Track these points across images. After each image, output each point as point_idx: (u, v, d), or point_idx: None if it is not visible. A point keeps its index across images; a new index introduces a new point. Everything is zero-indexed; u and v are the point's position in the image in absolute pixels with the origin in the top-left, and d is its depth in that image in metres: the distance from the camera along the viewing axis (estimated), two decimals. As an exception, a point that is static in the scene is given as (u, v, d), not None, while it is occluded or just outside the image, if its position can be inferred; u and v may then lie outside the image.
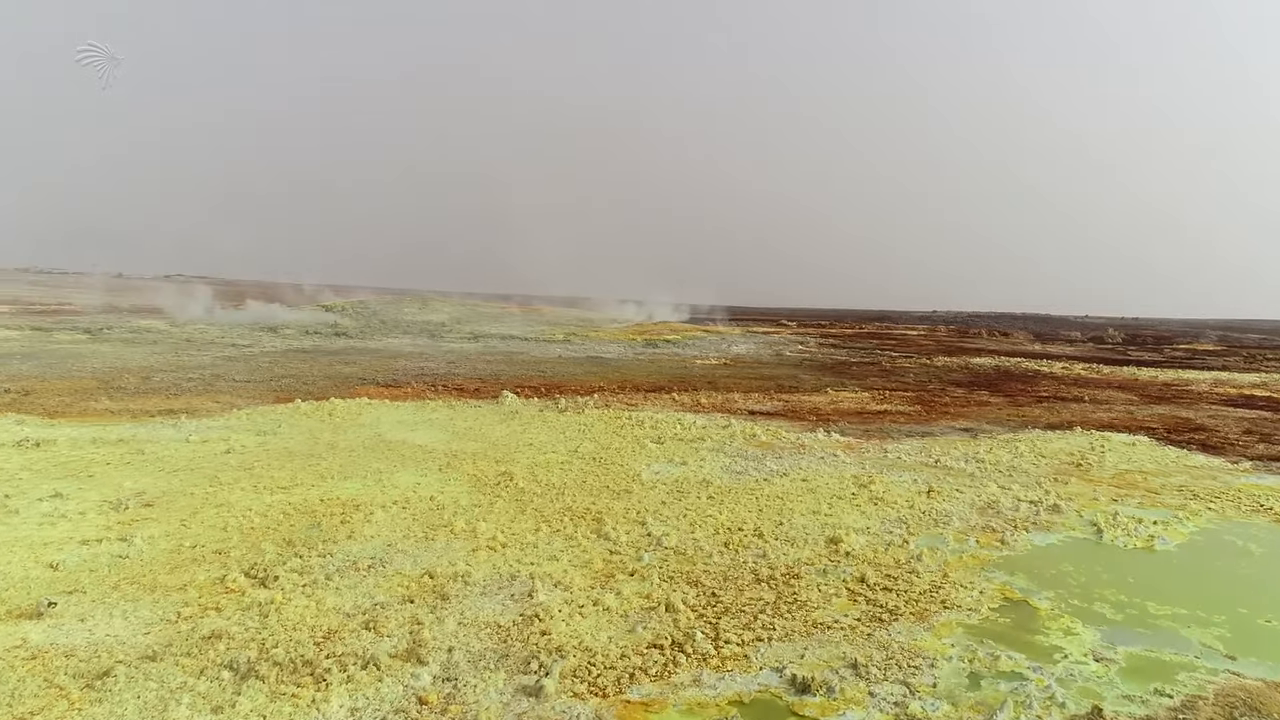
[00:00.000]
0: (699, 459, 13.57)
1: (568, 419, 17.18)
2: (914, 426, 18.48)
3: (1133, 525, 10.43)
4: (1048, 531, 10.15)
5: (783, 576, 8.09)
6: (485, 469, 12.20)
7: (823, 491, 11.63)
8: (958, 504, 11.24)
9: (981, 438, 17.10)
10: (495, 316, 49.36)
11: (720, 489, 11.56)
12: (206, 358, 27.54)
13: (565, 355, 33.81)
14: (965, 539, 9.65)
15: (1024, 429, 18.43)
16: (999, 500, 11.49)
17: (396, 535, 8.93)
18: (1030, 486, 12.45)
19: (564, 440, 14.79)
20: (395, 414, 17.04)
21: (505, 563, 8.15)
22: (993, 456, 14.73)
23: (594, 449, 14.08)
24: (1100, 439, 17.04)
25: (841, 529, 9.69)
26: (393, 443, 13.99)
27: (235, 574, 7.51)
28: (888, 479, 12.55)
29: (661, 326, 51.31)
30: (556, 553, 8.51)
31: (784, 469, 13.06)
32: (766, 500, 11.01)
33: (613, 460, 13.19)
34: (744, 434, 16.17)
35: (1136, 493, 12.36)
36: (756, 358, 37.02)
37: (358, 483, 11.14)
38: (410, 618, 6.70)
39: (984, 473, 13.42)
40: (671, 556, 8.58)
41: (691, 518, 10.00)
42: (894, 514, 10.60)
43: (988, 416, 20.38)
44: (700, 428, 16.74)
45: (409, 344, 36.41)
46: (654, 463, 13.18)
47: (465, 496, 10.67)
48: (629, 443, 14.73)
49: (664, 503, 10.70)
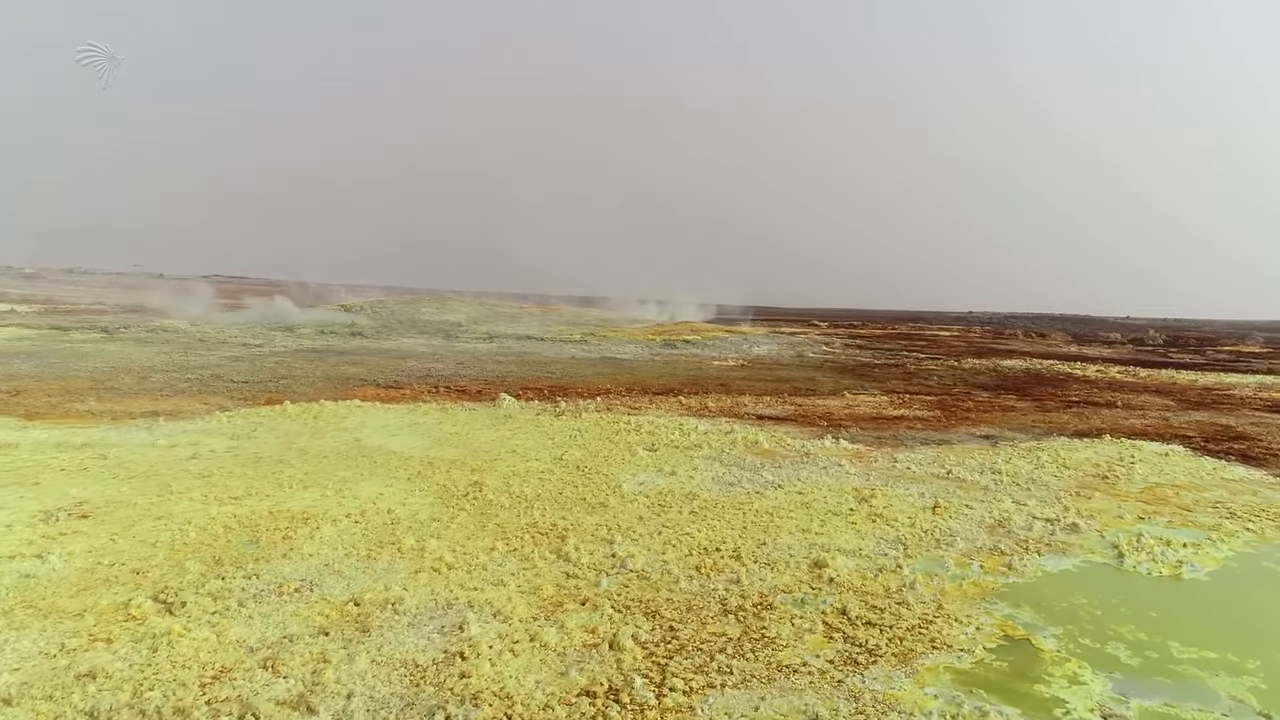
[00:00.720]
0: (691, 468, 12.71)
1: (562, 423, 16.39)
2: (930, 433, 17.44)
3: (1159, 548, 9.39)
4: (1062, 555, 9.15)
5: (754, 607, 7.22)
6: (457, 478, 11.45)
7: (817, 506, 10.71)
8: (965, 522, 10.27)
9: (1002, 446, 16.03)
10: (512, 316, 48.77)
11: (706, 503, 10.69)
12: (213, 357, 27.20)
13: (579, 356, 33.07)
14: (968, 563, 8.69)
15: (1049, 436, 17.31)
16: (1011, 518, 10.49)
17: (337, 554, 8.20)
18: (1048, 502, 11.43)
19: (551, 447, 14.00)
20: (383, 417, 16.37)
21: (446, 587, 7.37)
22: (1011, 467, 13.69)
23: (581, 456, 13.27)
24: (1131, 448, 15.88)
25: (830, 550, 8.78)
26: (369, 449, 13.30)
27: (143, 599, 6.81)
28: (891, 492, 11.60)
29: (682, 327, 50.39)
30: (506, 576, 7.71)
31: (781, 480, 12.15)
32: (754, 516, 10.12)
33: (598, 469, 12.38)
34: (745, 441, 15.27)
35: (1166, 509, 11.28)
36: (776, 359, 36.00)
37: (316, 493, 10.44)
38: (318, 654, 5.94)
39: (999, 486, 12.40)
40: (634, 581, 7.74)
41: (666, 536, 9.15)
42: (892, 533, 9.65)
43: (1012, 423, 19.25)
44: (701, 433, 15.87)
45: (422, 344, 35.91)
46: (641, 472, 12.35)
47: (427, 509, 9.91)
48: (620, 450, 13.90)
49: (641, 518, 9.86)
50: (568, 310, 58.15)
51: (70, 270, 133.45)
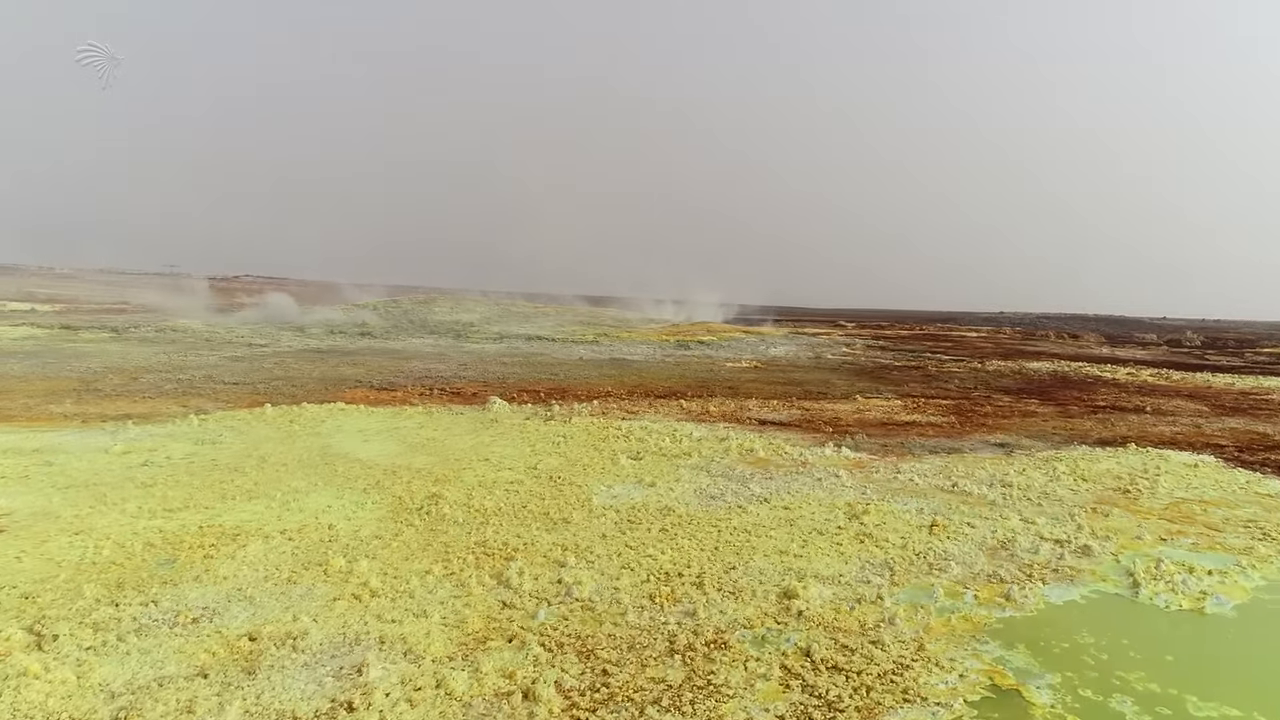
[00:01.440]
0: (673, 480, 11.84)
1: (549, 429, 15.59)
2: (942, 441, 16.41)
3: (1180, 576, 8.36)
4: (1070, 583, 8.17)
5: (705, 646, 6.34)
6: (417, 489, 10.68)
7: (802, 524, 9.79)
8: (964, 543, 9.30)
9: (1017, 455, 14.97)
10: (526, 316, 48.12)
11: (680, 519, 9.81)
12: (212, 358, 26.76)
13: (587, 357, 32.29)
14: (961, 593, 7.74)
15: (1069, 445, 16.21)
16: (1016, 539, 9.50)
17: (256, 576, 7.44)
18: (1060, 520, 10.41)
19: (529, 454, 13.20)
20: (362, 421, 15.68)
21: (361, 619, 6.57)
22: (1024, 479, 12.66)
23: (557, 465, 12.46)
24: (1157, 458, 14.76)
25: (805, 577, 7.88)
26: (336, 455, 12.59)
27: (15, 629, 6.08)
28: (887, 508, 10.64)
29: (698, 327, 49.44)
30: (433, 605, 6.90)
31: (768, 493, 11.24)
32: (729, 535, 9.23)
33: (572, 480, 11.55)
34: (740, 448, 14.36)
35: (1192, 529, 10.23)
36: (792, 361, 34.97)
37: (260, 505, 9.71)
38: (184, 703, 5.17)
39: (1008, 500, 11.40)
40: (575, 613, 6.89)
41: (626, 558, 8.29)
42: (880, 556, 8.72)
43: (1030, 429, 18.15)
44: (694, 440, 14.99)
45: (430, 344, 35.33)
46: (618, 483, 11.50)
47: (372, 525, 9.14)
48: (602, 458, 13.06)
49: (603, 536, 9.01)
50: (583, 310, 57.44)
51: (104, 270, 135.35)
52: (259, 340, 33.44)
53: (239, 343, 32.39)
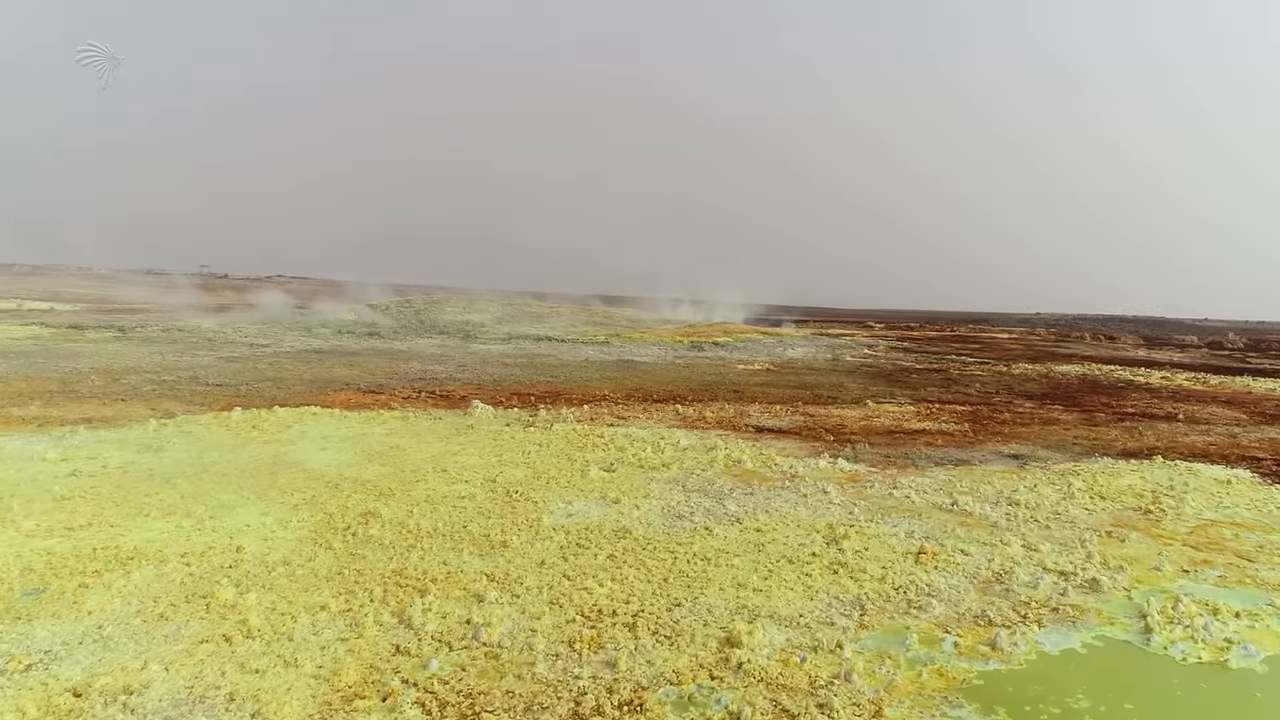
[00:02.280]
0: (641, 496, 10.82)
1: (526, 436, 14.64)
2: (951, 451, 15.22)
3: (1202, 619, 7.19)
4: (1071, 627, 7.03)
5: (617, 709, 5.32)
6: (353, 505, 9.76)
7: (772, 550, 8.73)
8: (953, 574, 8.18)
9: (1031, 468, 13.76)
10: (538, 316, 47.29)
11: (635, 543, 8.79)
12: (207, 358, 26.19)
13: (594, 358, 31.34)
14: (939, 639, 6.64)
15: (1090, 457, 14.94)
16: (1015, 569, 8.36)
17: (127, 611, 6.55)
18: (1068, 546, 9.24)
19: (494, 465, 12.25)
20: (330, 426, 14.84)
21: (219, 668, 5.64)
22: (1034, 497, 11.48)
23: (520, 478, 11.50)
24: (1185, 473, 13.46)
25: (758, 617, 6.83)
26: (284, 465, 11.74)
27: None
28: (872, 531, 9.54)
29: (715, 328, 48.30)
30: (312, 651, 5.95)
31: (743, 512, 10.18)
32: (685, 563, 8.20)
33: (529, 495, 10.58)
34: (727, 459, 13.31)
35: (1220, 558, 9.01)
36: (808, 363, 33.74)
37: (172, 523, 8.85)
38: (-47, 784, 4.27)
39: (1012, 522, 10.23)
40: (475, 662, 5.91)
41: (558, 591, 7.29)
42: (852, 590, 7.64)
43: (1049, 439, 16.87)
44: (679, 449, 13.96)
45: (435, 345, 34.60)
46: (579, 499, 10.51)
47: (286, 547, 8.24)
48: (571, 470, 12.08)
49: (541, 564, 8.02)
50: (598, 310, 56.54)
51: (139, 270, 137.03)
52: (262, 341, 32.91)
53: (241, 343, 31.88)
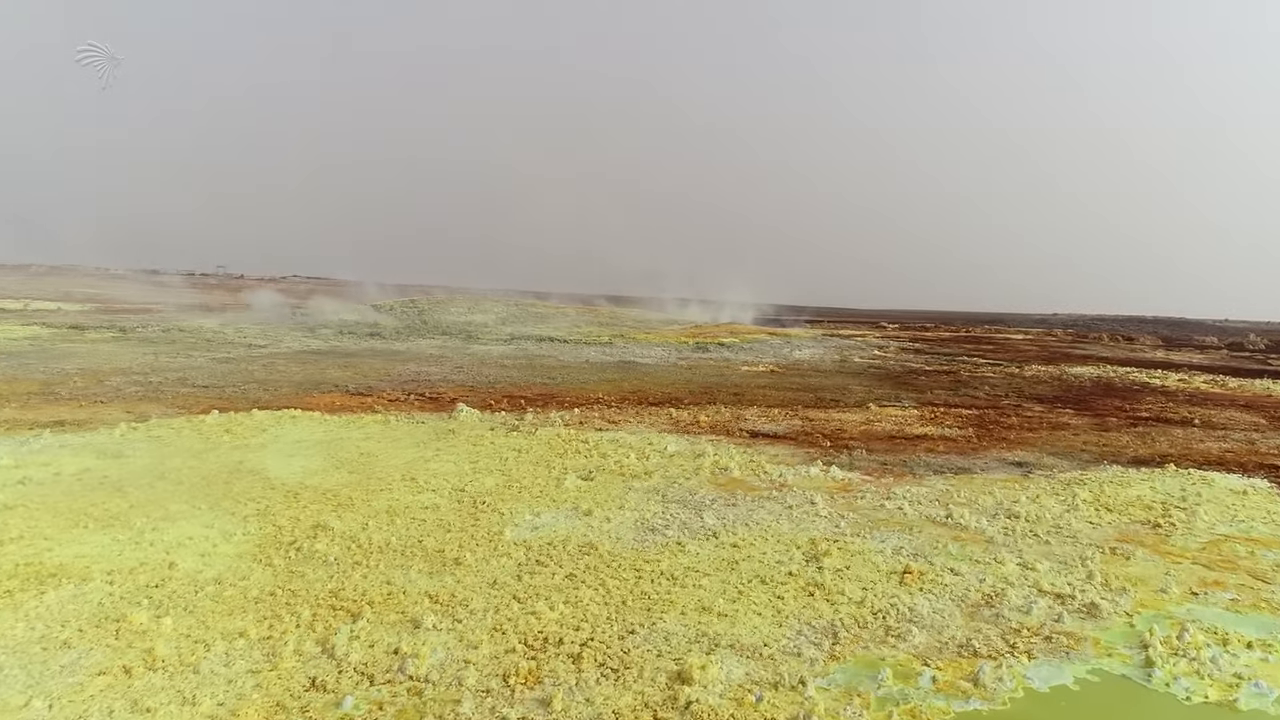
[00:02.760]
0: (615, 507, 10.24)
1: (507, 441, 14.10)
2: (952, 458, 14.55)
3: (1209, 650, 6.53)
4: (1064, 658, 6.40)
5: (541, 758, 4.75)
6: (306, 517, 9.24)
7: (746, 568, 8.13)
8: (939, 597, 7.56)
9: (1035, 477, 13.09)
10: (543, 317, 46.79)
11: (599, 561, 8.22)
12: (200, 359, 25.83)
13: (595, 360, 30.78)
14: (916, 673, 6.02)
15: (1098, 464, 14.23)
16: (1007, 591, 7.73)
17: (30, 637, 6.04)
18: (1068, 565, 8.60)
19: (466, 473, 11.71)
20: (306, 431, 14.35)
21: (108, 705, 5.11)
22: (1035, 509, 10.82)
23: (491, 486, 10.95)
24: (1199, 482, 12.75)
25: (718, 647, 6.24)
26: (245, 472, 11.25)
27: None
28: (857, 547, 8.92)
29: (722, 329, 47.64)
30: (215, 685, 5.41)
31: (721, 525, 9.58)
32: (649, 583, 7.62)
33: (497, 505, 10.02)
34: (714, 466, 12.72)
35: (1232, 578, 8.34)
36: (814, 364, 33.05)
37: (108, 537, 8.35)
38: None
39: (1010, 537, 9.59)
40: (395, 700, 5.35)
41: (504, 616, 6.73)
42: (827, 615, 7.03)
43: (1056, 445, 16.16)
44: (665, 456, 13.38)
45: (435, 346, 34.15)
46: (549, 510, 9.94)
47: (223, 564, 7.72)
48: (548, 478, 11.53)
49: (492, 584, 7.46)
50: (605, 310, 55.98)
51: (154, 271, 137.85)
52: (260, 341, 32.57)
53: (239, 344, 31.54)
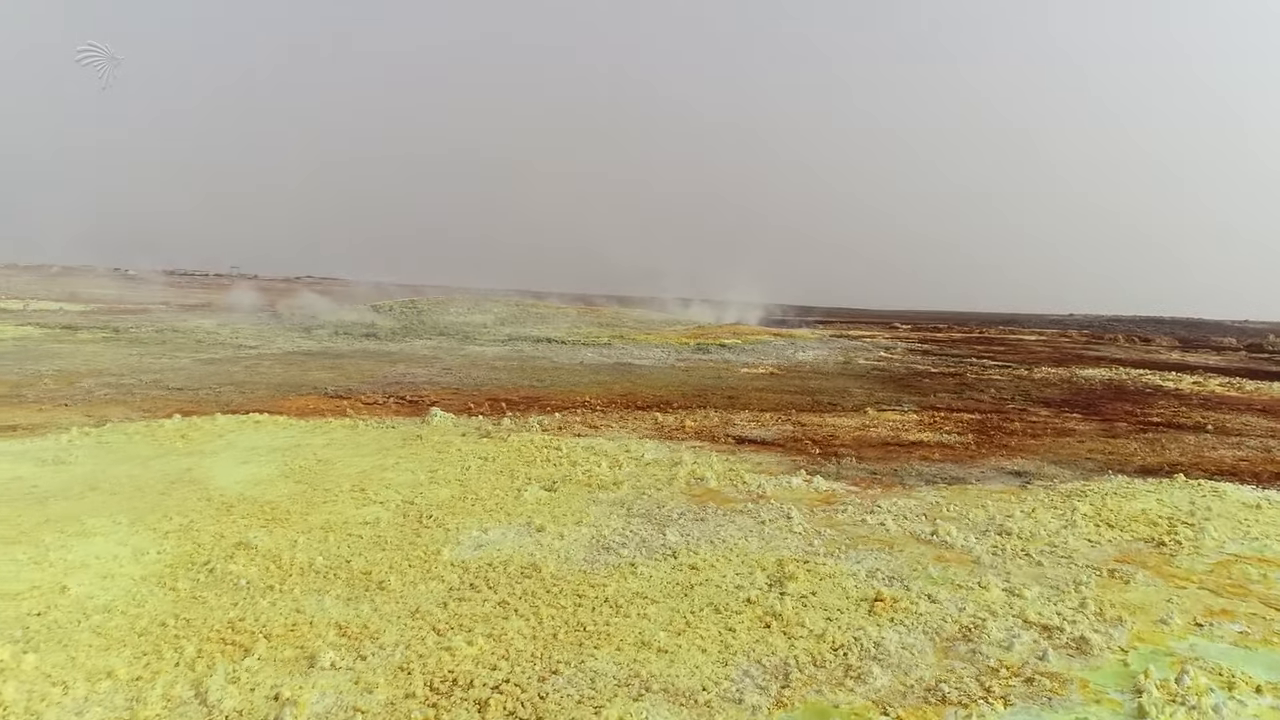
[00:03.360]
0: (573, 522, 9.51)
1: (476, 448, 13.41)
2: (948, 466, 13.75)
3: (1213, 697, 5.73)
4: (1044, 706, 5.62)
5: (410, 837, 4.03)
6: (233, 532, 8.56)
7: (701, 594, 7.38)
8: (911, 629, 6.78)
9: (1034, 488, 12.28)
10: (544, 317, 46.11)
11: (540, 585, 7.49)
12: (184, 360, 25.30)
13: (590, 361, 30.08)
14: (872, 725, 5.26)
15: (1103, 474, 13.40)
16: (988, 623, 6.94)
17: None
18: (1060, 590, 7.80)
19: (423, 483, 11.02)
20: (267, 436, 13.71)
21: (-77, 767, 4.44)
22: (1029, 524, 10.02)
23: (444, 499, 10.25)
24: (1210, 494, 11.90)
25: (647, 691, 5.49)
26: (188, 481, 10.60)
27: None
28: (827, 569, 8.15)
29: (724, 329, 46.83)
30: (58, 740, 4.73)
31: (683, 543, 8.84)
32: (590, 611, 6.88)
33: (444, 520, 9.32)
34: (690, 476, 11.98)
35: (1242, 606, 7.52)
36: (816, 366, 32.23)
37: (7, 556, 7.68)
38: None
39: (998, 557, 8.79)
40: (260, 759, 4.65)
41: (415, 652, 6.01)
42: (781, 651, 6.27)
43: (1060, 452, 15.31)
44: (640, 464, 12.66)
45: (430, 346, 33.53)
46: (499, 526, 9.23)
47: (121, 588, 7.04)
48: (508, 488, 10.82)
49: (414, 613, 6.74)
50: (607, 311, 55.24)
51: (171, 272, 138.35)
52: (251, 342, 32.05)
53: (230, 344, 31.03)
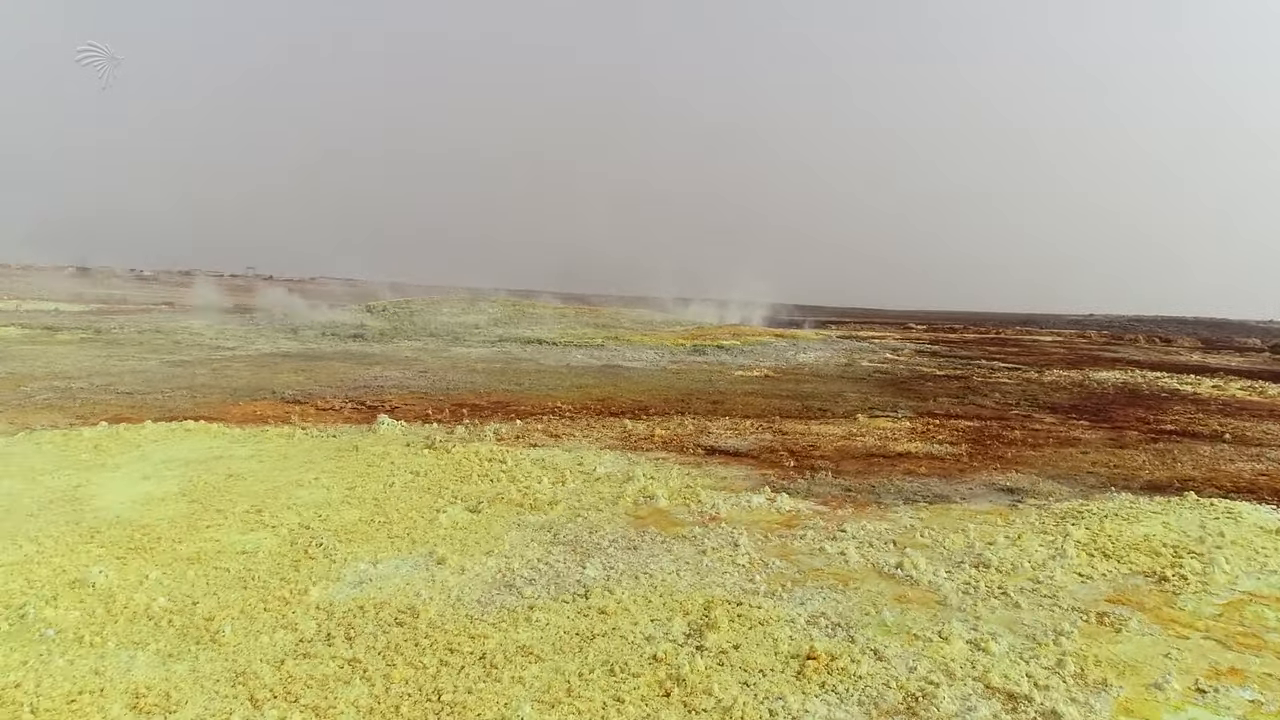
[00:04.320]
0: (482, 552, 8.33)
1: (413, 461, 12.27)
2: (932, 481, 12.48)
3: (1214, 807, 4.47)
4: (994, 817, 4.37)
5: None
6: (75, 566, 7.43)
7: (598, 649, 6.17)
8: (844, 699, 5.54)
9: (1025, 507, 11.00)
10: (539, 318, 44.94)
11: (413, 633, 6.31)
12: (151, 363, 24.37)
13: (577, 363, 28.92)
14: None
15: (1105, 490, 12.08)
16: (941, 688, 5.68)
17: None
18: (1037, 641, 6.53)
19: (333, 503, 9.87)
20: (186, 447, 12.62)
21: None
22: (1013, 554, 8.73)
23: (348, 522, 9.09)
24: (1224, 516, 10.55)
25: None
26: (69, 501, 9.51)
27: None
28: (762, 613, 6.91)
29: (725, 330, 45.51)
30: None
31: (602, 579, 7.63)
32: (454, 673, 5.69)
33: (333, 550, 8.15)
34: (639, 494, 10.78)
35: (1255, 663, 6.22)
36: (816, 369, 30.92)
37: None
38: None
39: (969, 597, 7.53)
40: None
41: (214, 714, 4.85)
42: (671, 733, 5.05)
43: (1061, 465, 13.98)
44: (590, 480, 11.48)
45: (414, 348, 32.47)
46: (396, 557, 8.06)
47: (-98, 641, 5.93)
48: (428, 510, 9.65)
49: (241, 673, 5.57)
50: (607, 311, 53.94)
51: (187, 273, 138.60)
52: (230, 343, 31.12)
53: (208, 346, 30.11)
